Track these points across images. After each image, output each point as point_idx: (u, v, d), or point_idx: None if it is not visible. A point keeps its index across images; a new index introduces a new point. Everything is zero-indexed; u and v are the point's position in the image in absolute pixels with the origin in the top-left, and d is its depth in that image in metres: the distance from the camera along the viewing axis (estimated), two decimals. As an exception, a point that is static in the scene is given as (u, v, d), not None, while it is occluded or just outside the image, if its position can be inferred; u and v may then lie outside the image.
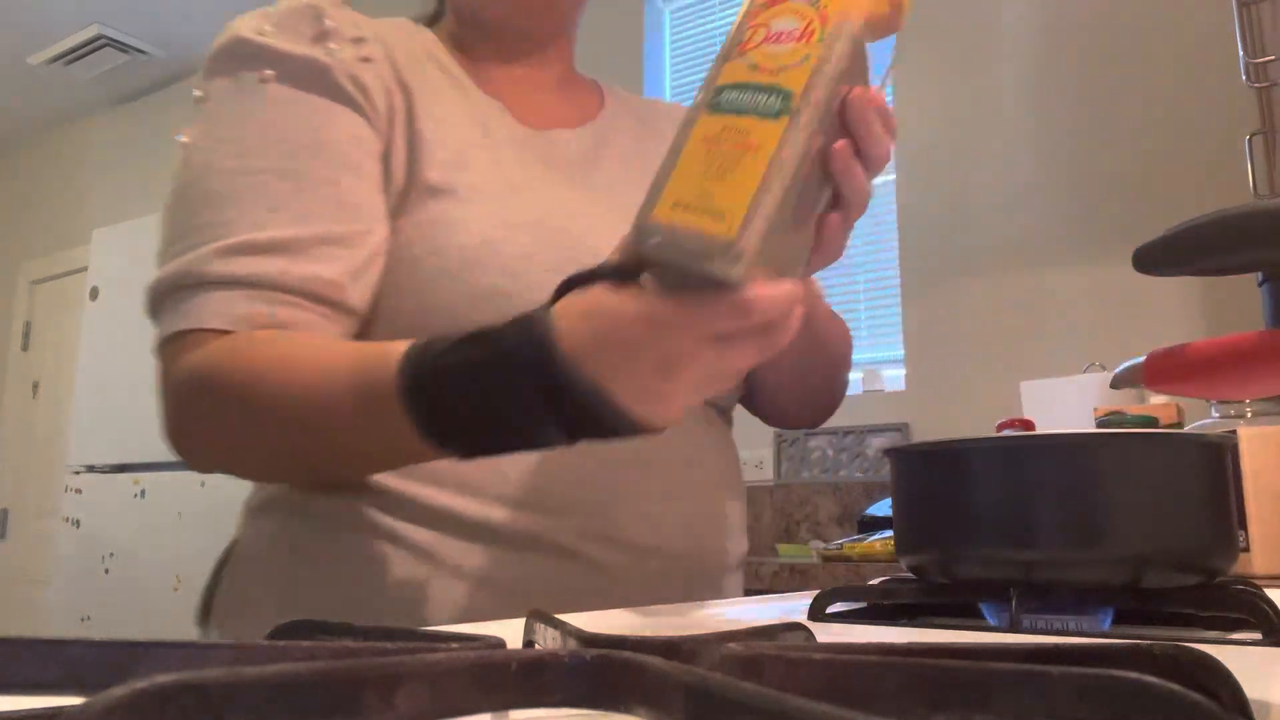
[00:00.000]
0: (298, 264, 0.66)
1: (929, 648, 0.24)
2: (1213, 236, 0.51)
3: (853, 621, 0.55)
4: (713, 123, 0.54)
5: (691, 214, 0.52)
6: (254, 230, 0.65)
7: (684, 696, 0.18)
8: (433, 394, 0.54)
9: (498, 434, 0.53)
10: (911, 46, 2.34)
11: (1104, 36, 2.08)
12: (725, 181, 0.52)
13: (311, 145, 0.69)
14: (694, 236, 0.51)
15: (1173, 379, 0.58)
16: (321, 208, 0.67)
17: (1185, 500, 0.50)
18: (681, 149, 0.54)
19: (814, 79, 0.53)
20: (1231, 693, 0.21)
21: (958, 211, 2.22)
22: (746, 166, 0.52)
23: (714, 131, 0.54)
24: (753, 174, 0.51)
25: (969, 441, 0.54)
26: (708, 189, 0.52)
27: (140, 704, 0.15)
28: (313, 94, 0.71)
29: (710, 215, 0.51)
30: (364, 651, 0.25)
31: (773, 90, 0.54)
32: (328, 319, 0.67)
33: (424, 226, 0.70)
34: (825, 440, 2.31)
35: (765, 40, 0.56)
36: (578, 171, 0.80)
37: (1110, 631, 0.50)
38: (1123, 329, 1.98)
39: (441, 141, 0.73)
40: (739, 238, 0.50)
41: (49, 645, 0.24)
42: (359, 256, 0.68)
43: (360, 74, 0.72)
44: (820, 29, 0.55)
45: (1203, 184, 1.91)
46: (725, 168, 0.52)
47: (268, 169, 0.68)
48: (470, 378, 0.53)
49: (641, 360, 0.51)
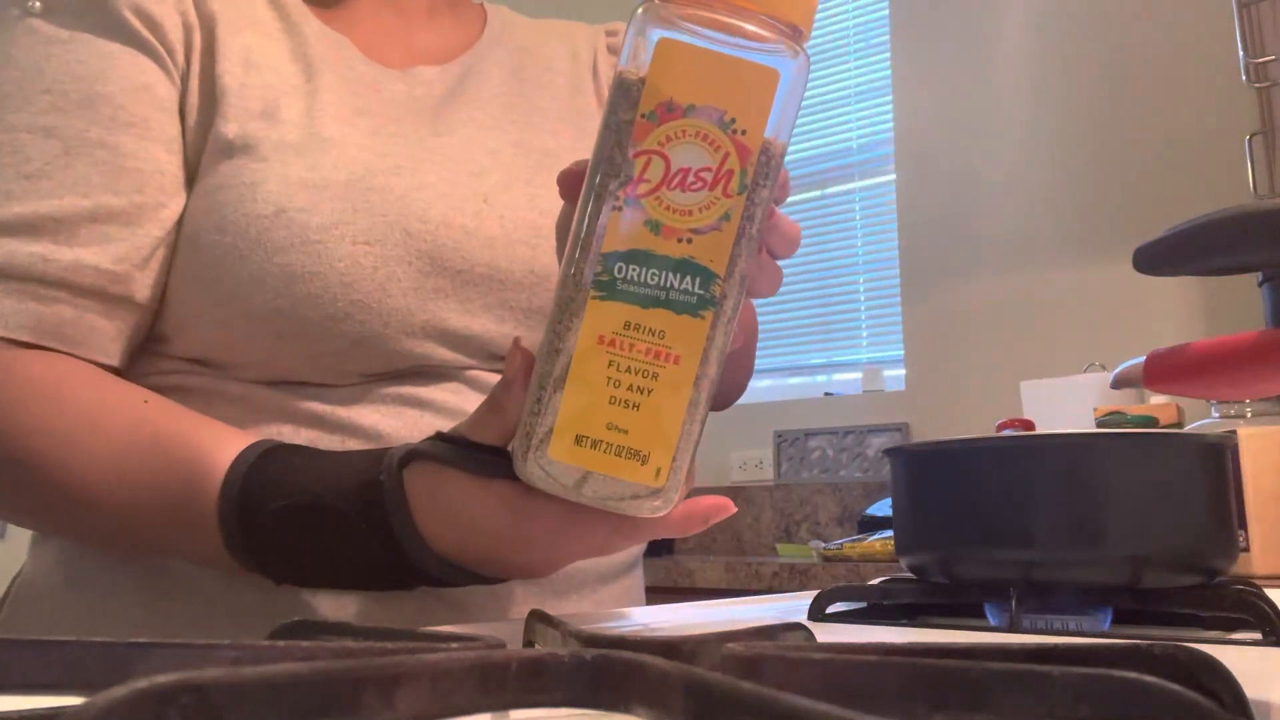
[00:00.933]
0: (63, 248, 0.53)
1: (929, 648, 0.24)
2: (1213, 236, 0.51)
3: (853, 621, 0.55)
4: (608, 314, 0.40)
5: (603, 456, 0.40)
6: (5, 203, 0.53)
7: (684, 696, 0.18)
8: (261, 560, 0.49)
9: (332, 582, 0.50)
10: (911, 46, 2.34)
11: (1104, 37, 2.09)
12: (641, 412, 0.40)
13: (84, 97, 0.55)
14: (612, 483, 0.41)
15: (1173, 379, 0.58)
16: (95, 175, 0.54)
17: (1185, 500, 0.50)
18: (565, 351, 0.40)
19: (738, 249, 0.40)
20: (1231, 693, 0.21)
21: (958, 212, 2.22)
22: (666, 389, 0.40)
23: (612, 328, 0.40)
24: (677, 398, 0.40)
25: (969, 441, 0.54)
26: (617, 420, 0.40)
27: (140, 704, 0.15)
28: (87, 32, 0.57)
29: (627, 460, 0.40)
30: (364, 651, 0.25)
31: (689, 269, 0.39)
32: (105, 317, 0.55)
33: (211, 194, 0.57)
34: (825, 440, 2.32)
35: (665, 182, 0.39)
36: (429, 116, 0.65)
37: (1110, 631, 0.51)
38: (1123, 329, 1.98)
39: (244, 87, 0.59)
40: (668, 484, 0.41)
41: (49, 645, 0.24)
42: (143, 237, 0.56)
43: (148, 6, 0.58)
44: (739, 164, 0.39)
45: (1203, 184, 1.91)
46: (637, 390, 0.40)
47: (24, 126, 0.55)
48: (310, 550, 0.48)
49: (515, 564, 0.48)
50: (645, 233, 0.39)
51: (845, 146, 2.45)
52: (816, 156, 2.48)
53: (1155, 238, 0.54)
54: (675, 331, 0.40)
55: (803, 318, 2.45)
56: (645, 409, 0.40)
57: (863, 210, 2.41)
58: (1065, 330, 2.05)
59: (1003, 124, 2.19)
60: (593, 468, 0.41)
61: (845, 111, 2.46)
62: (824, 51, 2.52)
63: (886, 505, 1.94)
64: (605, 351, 0.40)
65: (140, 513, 0.51)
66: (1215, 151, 1.89)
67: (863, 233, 2.40)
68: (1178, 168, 1.96)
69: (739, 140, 0.39)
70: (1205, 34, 1.95)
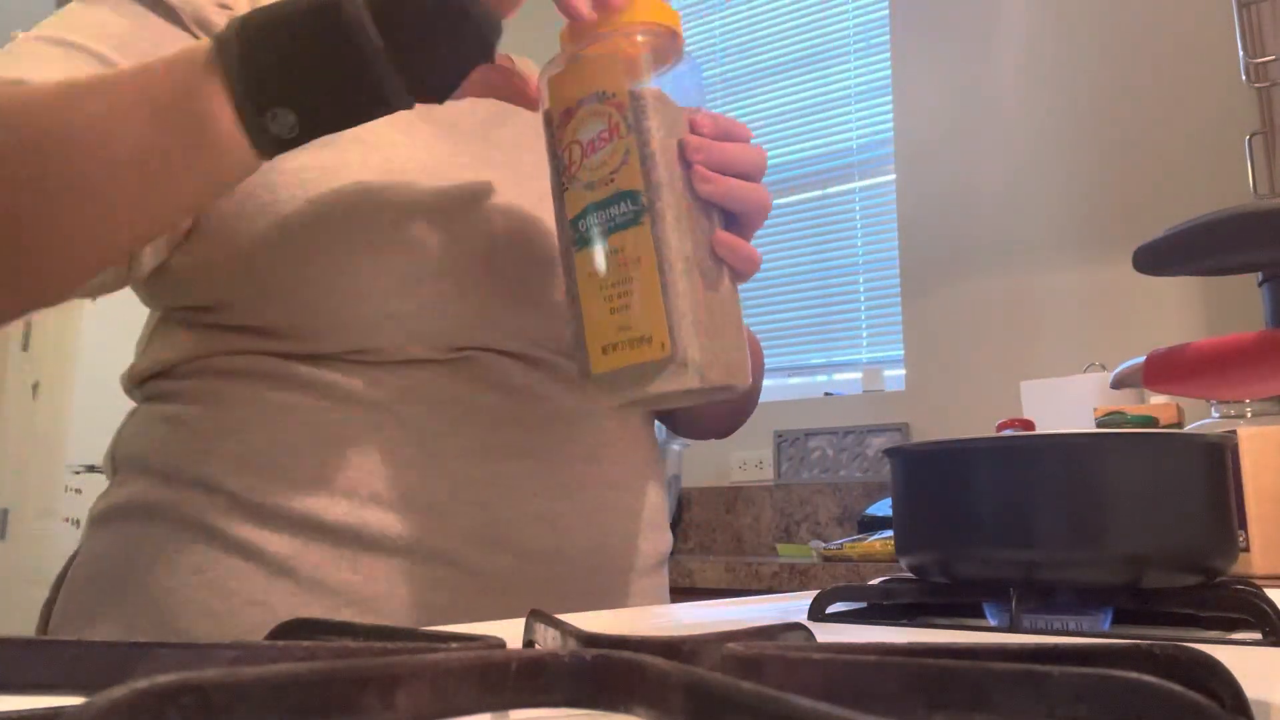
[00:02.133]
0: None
1: (929, 648, 0.24)
2: (1213, 236, 0.51)
3: (853, 621, 0.55)
4: (587, 256, 0.54)
5: (624, 352, 0.53)
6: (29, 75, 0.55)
7: (684, 696, 0.18)
8: (250, 34, 0.48)
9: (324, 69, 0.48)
10: (911, 46, 2.34)
11: (1104, 37, 2.09)
12: (632, 309, 0.52)
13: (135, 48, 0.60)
14: (639, 370, 0.52)
15: (1173, 379, 0.58)
16: None
17: (1185, 500, 0.50)
18: (576, 294, 0.55)
19: (646, 165, 0.53)
20: (1231, 693, 0.21)
21: (958, 211, 2.22)
22: (641, 282, 0.52)
23: (592, 265, 0.54)
24: (651, 286, 0.52)
25: (969, 441, 0.54)
26: (621, 322, 0.53)
27: (140, 704, 0.15)
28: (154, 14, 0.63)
29: (639, 345, 0.52)
30: (364, 651, 0.25)
31: (619, 198, 0.53)
32: None
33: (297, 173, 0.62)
34: (825, 440, 2.32)
35: (584, 155, 0.55)
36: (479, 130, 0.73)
37: (1110, 631, 0.50)
38: (1123, 329, 1.98)
39: None
40: (674, 350, 0.51)
41: (49, 645, 0.24)
42: None
43: (209, 16, 0.64)
44: (620, 116, 0.54)
45: (1203, 184, 1.91)
46: (623, 293, 0.53)
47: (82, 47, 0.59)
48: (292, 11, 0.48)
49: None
50: (585, 193, 0.55)
51: (845, 146, 2.45)
52: (816, 156, 2.48)
53: (1155, 238, 0.54)
54: (630, 243, 0.53)
55: (803, 318, 2.45)
56: (634, 305, 0.52)
57: (863, 210, 2.41)
58: (1065, 330, 2.05)
59: (1003, 124, 2.19)
60: (623, 364, 0.53)
61: (845, 111, 2.46)
62: (824, 51, 2.52)
63: (886, 505, 1.94)
64: (595, 281, 0.54)
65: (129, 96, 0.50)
66: (1215, 151, 1.89)
67: (863, 233, 2.40)
68: (1178, 168, 1.96)
69: (612, 101, 0.54)
70: (1205, 34, 1.95)
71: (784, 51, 2.59)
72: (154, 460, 0.63)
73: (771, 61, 2.61)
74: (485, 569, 0.61)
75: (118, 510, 0.64)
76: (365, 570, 0.59)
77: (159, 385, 0.66)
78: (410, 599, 0.59)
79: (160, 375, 0.66)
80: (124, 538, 0.62)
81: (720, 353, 0.53)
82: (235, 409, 0.61)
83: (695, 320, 0.51)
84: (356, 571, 0.59)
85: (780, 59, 2.59)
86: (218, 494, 0.60)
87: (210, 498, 0.60)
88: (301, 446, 0.60)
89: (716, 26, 2.73)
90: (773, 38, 2.61)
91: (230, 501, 0.59)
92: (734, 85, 2.66)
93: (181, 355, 0.65)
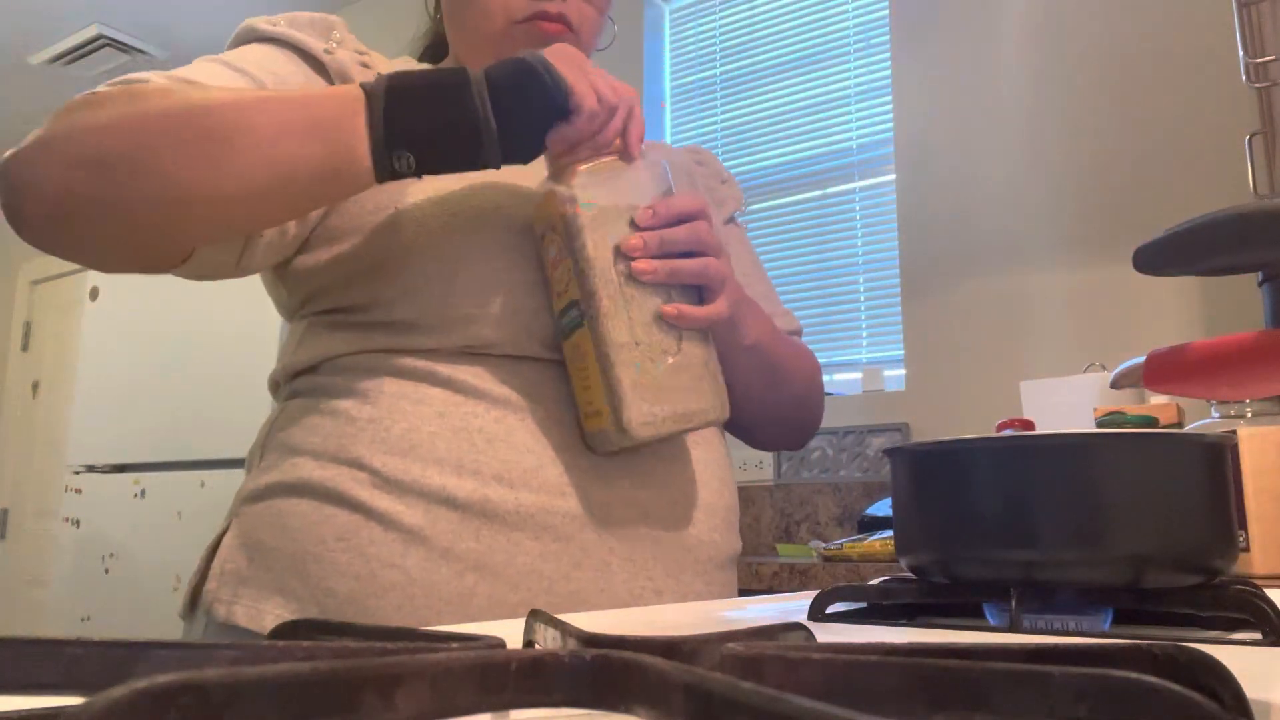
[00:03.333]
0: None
1: (929, 648, 0.24)
2: (1213, 236, 0.51)
3: (853, 621, 0.55)
4: (567, 347, 0.71)
5: (591, 420, 0.69)
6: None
7: (684, 696, 0.18)
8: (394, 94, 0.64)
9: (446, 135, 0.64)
10: (911, 46, 2.34)
11: (1104, 37, 2.08)
12: (590, 388, 0.69)
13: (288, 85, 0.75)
14: (601, 434, 0.69)
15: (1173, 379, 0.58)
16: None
17: (1185, 500, 0.50)
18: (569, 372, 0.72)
19: (581, 279, 0.68)
20: (1232, 693, 0.21)
21: (958, 212, 2.22)
22: (589, 369, 0.68)
23: (569, 353, 0.71)
24: (595, 373, 0.68)
25: (969, 441, 0.53)
26: (585, 399, 0.69)
27: (140, 704, 0.15)
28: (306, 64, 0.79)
29: (596, 416, 0.69)
30: (364, 651, 0.25)
31: (569, 306, 0.69)
32: None
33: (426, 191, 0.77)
34: (825, 440, 2.31)
35: (551, 271, 0.72)
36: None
37: (1110, 631, 0.50)
38: (1123, 329, 1.98)
39: None
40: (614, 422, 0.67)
41: (49, 645, 0.24)
42: None
43: (351, 74, 0.78)
44: (563, 240, 0.69)
45: (1203, 184, 1.91)
46: (584, 375, 0.69)
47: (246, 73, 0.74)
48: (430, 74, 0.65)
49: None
50: (556, 300, 0.72)
51: (845, 146, 2.45)
52: (816, 156, 2.48)
53: (1155, 238, 0.54)
54: (581, 340, 0.69)
55: (803, 318, 2.44)
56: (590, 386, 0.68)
57: (863, 210, 2.41)
58: (1065, 330, 2.05)
59: (1003, 124, 2.19)
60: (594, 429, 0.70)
61: (845, 111, 2.46)
62: (824, 51, 2.52)
63: (886, 505, 1.94)
64: (572, 366, 0.71)
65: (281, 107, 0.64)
66: (1215, 151, 1.89)
67: (863, 233, 2.40)
68: (1178, 168, 1.96)
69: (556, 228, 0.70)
70: (1205, 34, 1.95)
71: (784, 51, 2.59)
72: (307, 444, 0.72)
73: (771, 61, 2.61)
74: (588, 546, 0.70)
75: (272, 488, 0.72)
76: (487, 540, 0.68)
77: (310, 380, 0.76)
78: (525, 567, 0.68)
79: (309, 371, 0.77)
80: (277, 510, 0.71)
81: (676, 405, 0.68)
82: (380, 400, 0.71)
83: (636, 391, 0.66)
84: (479, 541, 0.68)
85: (780, 59, 2.59)
86: (362, 471, 0.69)
87: (355, 474, 0.69)
88: (436, 432, 0.70)
89: (716, 26, 2.73)
90: (773, 38, 2.61)
91: (373, 478, 0.68)
92: (734, 85, 2.66)
93: (328, 353, 0.75)
